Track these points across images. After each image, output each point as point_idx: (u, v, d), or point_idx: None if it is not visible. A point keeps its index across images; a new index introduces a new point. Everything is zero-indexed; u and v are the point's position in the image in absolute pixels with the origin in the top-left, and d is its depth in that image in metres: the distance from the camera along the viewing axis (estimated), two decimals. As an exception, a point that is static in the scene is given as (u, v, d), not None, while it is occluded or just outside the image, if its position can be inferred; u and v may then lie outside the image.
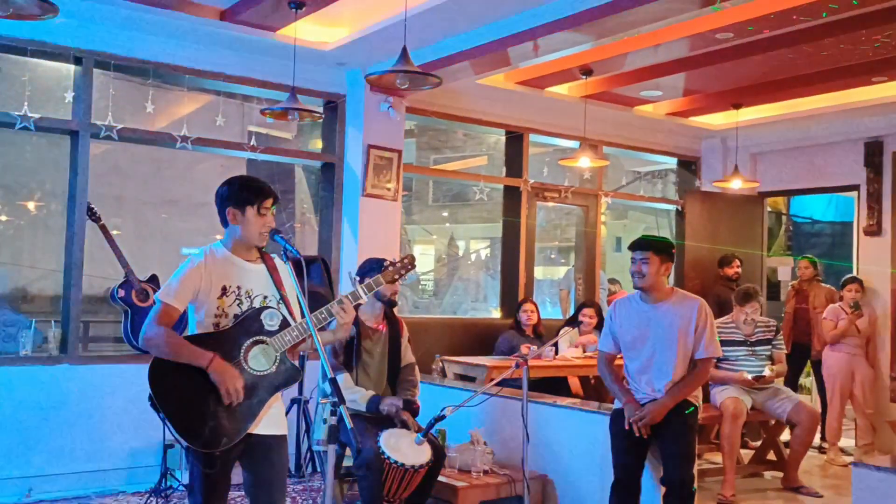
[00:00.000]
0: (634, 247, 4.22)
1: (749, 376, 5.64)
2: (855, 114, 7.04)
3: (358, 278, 4.28)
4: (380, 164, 6.34)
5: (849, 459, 6.32)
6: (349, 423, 2.59)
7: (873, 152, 7.33)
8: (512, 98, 6.98)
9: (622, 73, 6.61)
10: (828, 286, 7.65)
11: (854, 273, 7.42)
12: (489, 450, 4.67)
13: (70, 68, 5.55)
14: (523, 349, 6.18)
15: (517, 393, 4.63)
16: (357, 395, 4.19)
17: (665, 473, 3.96)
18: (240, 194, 2.98)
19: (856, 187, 7.58)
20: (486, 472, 4.56)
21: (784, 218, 13.17)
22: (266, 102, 6.16)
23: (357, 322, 4.21)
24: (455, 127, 8.18)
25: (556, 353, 6.59)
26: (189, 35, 5.55)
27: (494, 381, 4.27)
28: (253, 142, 6.24)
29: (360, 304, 3.06)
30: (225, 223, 3.00)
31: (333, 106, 6.43)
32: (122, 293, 5.39)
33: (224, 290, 2.91)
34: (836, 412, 6.67)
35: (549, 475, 4.67)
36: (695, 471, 4.04)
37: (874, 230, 7.36)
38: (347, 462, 4.21)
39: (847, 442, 6.92)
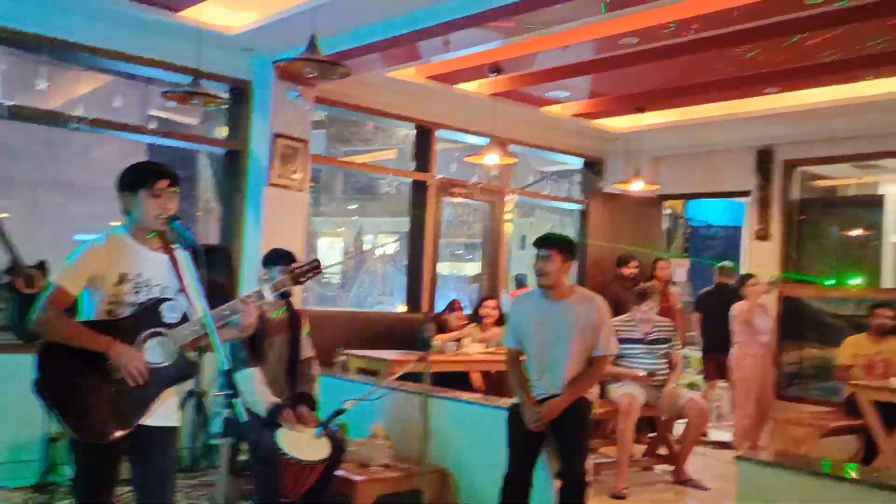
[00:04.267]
0: (538, 244, 4.28)
1: (643, 373, 5.81)
2: (748, 122, 7.35)
3: (265, 271, 4.20)
4: (286, 154, 6.23)
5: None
6: (244, 417, 2.53)
7: (764, 160, 7.67)
8: (422, 92, 6.98)
9: (531, 73, 6.71)
10: (677, 289, 7.87)
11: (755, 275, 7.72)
12: (390, 444, 4.66)
13: (-45, 41, 5.25)
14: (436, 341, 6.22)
15: (420, 387, 4.64)
16: (260, 398, 4.08)
17: (560, 467, 4.04)
18: (133, 176, 2.87)
19: (747, 193, 7.91)
20: (385, 467, 4.54)
21: (681, 221, 13.64)
22: (169, 86, 5.96)
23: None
24: (365, 119, 8.12)
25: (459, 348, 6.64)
26: (87, 11, 5.28)
27: (396, 376, 4.27)
28: (154, 126, 6.02)
29: (263, 303, 2.99)
30: (125, 209, 2.89)
31: (239, 92, 6.27)
32: (7, 279, 5.11)
33: (122, 278, 2.79)
34: (746, 413, 6.90)
35: (448, 469, 4.69)
36: (589, 465, 4.13)
37: (763, 235, 7.70)
38: (245, 458, 4.12)
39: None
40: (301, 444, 3.90)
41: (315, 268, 3.10)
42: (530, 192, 9.28)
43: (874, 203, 8.26)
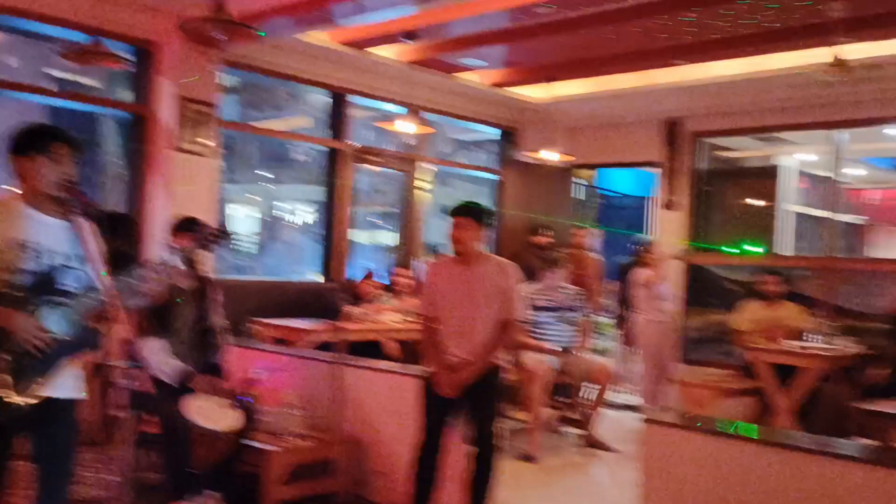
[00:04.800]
0: (453, 212, 4.29)
1: (558, 347, 5.96)
2: (657, 94, 7.50)
3: (172, 239, 4.08)
4: (194, 119, 6.04)
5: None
6: (151, 389, 2.47)
7: (673, 131, 7.87)
8: (336, 58, 6.86)
9: (446, 40, 6.68)
10: (596, 256, 8.06)
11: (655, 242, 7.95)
12: (303, 414, 4.63)
13: None
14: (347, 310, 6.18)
15: (332, 356, 4.62)
16: (169, 366, 3.98)
17: (471, 433, 4.09)
18: (29, 139, 2.73)
19: (658, 163, 8.11)
20: (299, 437, 4.51)
21: (594, 191, 13.90)
22: (69, 45, 5.68)
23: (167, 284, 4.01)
24: (277, 85, 7.95)
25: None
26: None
27: (310, 345, 4.23)
28: (55, 88, 5.74)
29: (171, 271, 2.90)
30: (19, 174, 2.74)
31: (144, 53, 6.03)
32: None
33: (17, 245, 2.66)
34: (650, 377, 7.16)
35: (363, 438, 4.70)
36: (500, 430, 4.20)
37: (671, 204, 7.93)
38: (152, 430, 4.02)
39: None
40: (211, 413, 3.84)
41: (222, 234, 3.03)
42: (446, 161, 9.28)
43: (770, 174, 8.60)
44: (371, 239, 12.43)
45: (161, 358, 3.99)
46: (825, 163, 7.48)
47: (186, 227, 4.18)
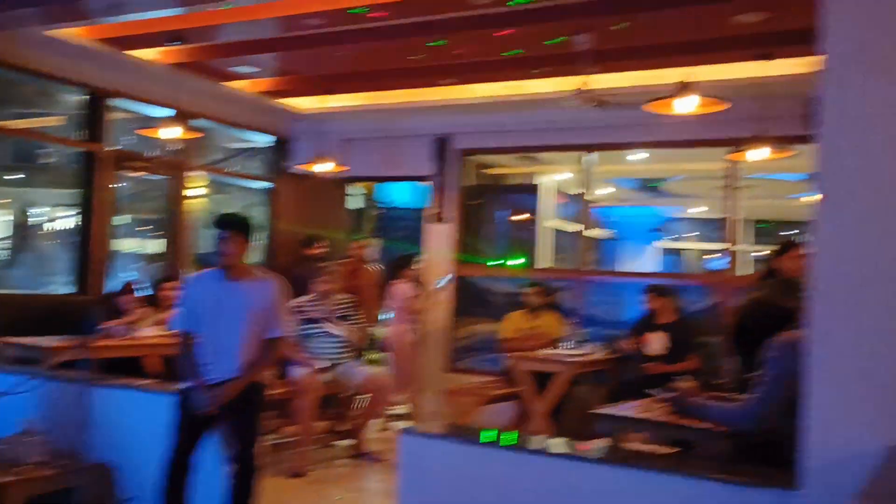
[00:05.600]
0: (217, 224, 4.16)
1: (328, 360, 5.96)
2: (428, 111, 7.71)
3: None
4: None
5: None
6: None
7: (441, 147, 8.15)
8: (94, 56, 6.40)
9: (215, 45, 6.47)
10: (373, 267, 8.19)
11: (420, 255, 8.20)
12: (44, 440, 4.26)
13: None
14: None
15: (80, 376, 4.30)
16: None
17: (230, 452, 3.97)
18: None
19: (428, 178, 8.36)
20: (37, 465, 4.14)
21: (373, 202, 14.08)
22: None
23: None
24: (25, 80, 7.27)
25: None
26: None
27: (56, 363, 3.90)
28: None
29: None
30: None
31: None
32: None
33: None
34: (400, 385, 7.30)
35: (113, 462, 4.40)
36: (260, 448, 4.11)
37: (440, 218, 8.20)
38: None
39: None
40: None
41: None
42: (217, 169, 8.96)
43: (531, 191, 9.17)
44: (140, 248, 11.73)
45: None
46: (579, 182, 8.08)
47: None
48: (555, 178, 9.54)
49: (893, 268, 2.41)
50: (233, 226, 4.13)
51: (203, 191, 8.15)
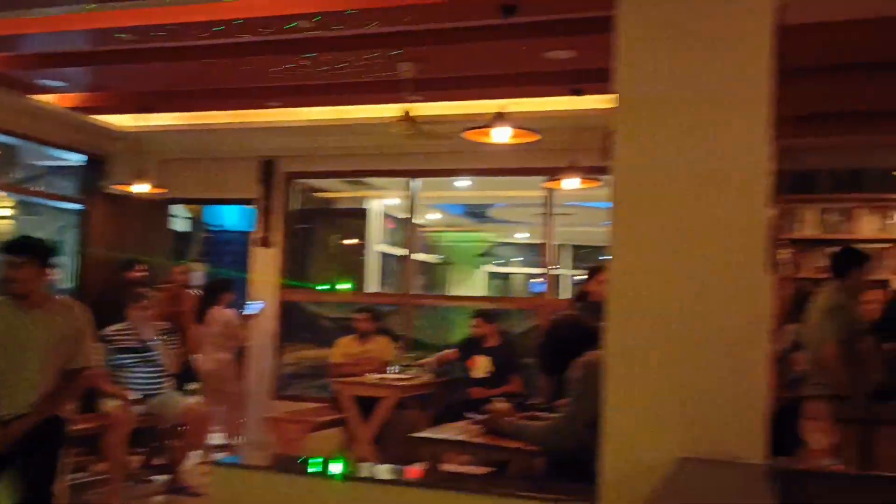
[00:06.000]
0: (9, 249, 3.85)
1: (140, 392, 5.68)
2: (253, 133, 7.58)
3: None
4: None
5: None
6: None
7: (267, 170, 8.02)
8: None
9: (20, 56, 6.05)
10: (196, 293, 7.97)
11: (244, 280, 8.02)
12: None
13: None
14: None
15: None
16: None
17: (24, 493, 3.68)
18: None
19: (254, 201, 8.18)
20: None
21: (200, 225, 13.57)
22: None
23: None
24: None
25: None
26: None
27: None
28: None
29: None
30: None
31: None
32: None
33: None
34: (217, 415, 7.09)
35: None
36: (59, 487, 3.84)
37: (266, 242, 8.05)
38: None
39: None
40: None
41: None
42: (20, 188, 8.34)
43: (360, 215, 9.20)
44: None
45: None
46: (406, 207, 8.19)
47: None
48: (384, 202, 9.62)
49: (678, 290, 2.60)
50: (26, 250, 3.85)
51: (7, 212, 7.55)
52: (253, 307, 7.84)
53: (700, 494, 2.07)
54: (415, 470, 3.54)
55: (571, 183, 6.13)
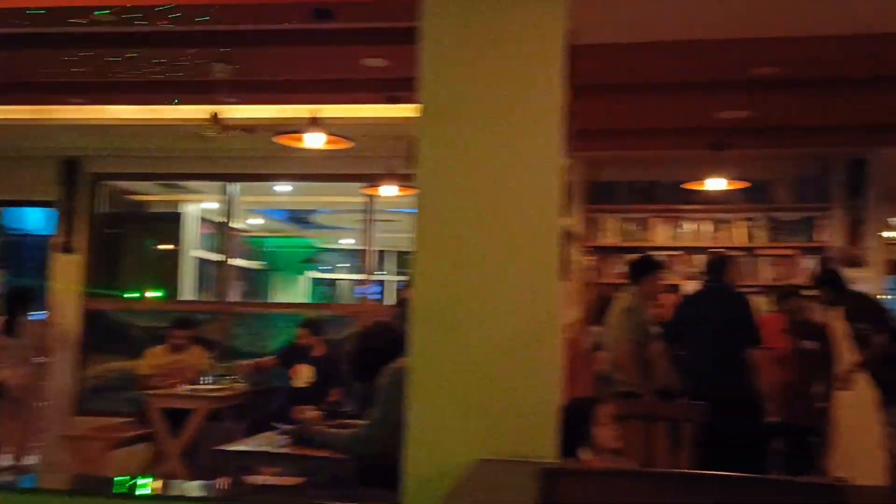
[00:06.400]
0: None
1: None
2: (53, 131, 7.04)
3: None
4: None
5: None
6: None
7: (70, 171, 7.51)
8: None
9: None
10: None
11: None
12: None
13: None
14: None
15: None
16: None
17: None
18: None
19: (54, 204, 7.63)
20: None
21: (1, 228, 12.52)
22: None
23: None
24: None
25: None
26: None
27: None
28: None
29: None
30: None
31: None
32: None
33: None
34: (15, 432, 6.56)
35: None
36: None
37: (68, 247, 7.53)
38: None
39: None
40: None
41: None
42: None
43: (175, 220, 8.82)
44: None
45: None
46: (224, 211, 7.93)
47: None
48: (200, 206, 9.27)
49: (475, 296, 2.66)
50: None
51: None
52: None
53: (473, 497, 2.14)
54: (223, 485, 3.42)
55: (389, 190, 6.18)
